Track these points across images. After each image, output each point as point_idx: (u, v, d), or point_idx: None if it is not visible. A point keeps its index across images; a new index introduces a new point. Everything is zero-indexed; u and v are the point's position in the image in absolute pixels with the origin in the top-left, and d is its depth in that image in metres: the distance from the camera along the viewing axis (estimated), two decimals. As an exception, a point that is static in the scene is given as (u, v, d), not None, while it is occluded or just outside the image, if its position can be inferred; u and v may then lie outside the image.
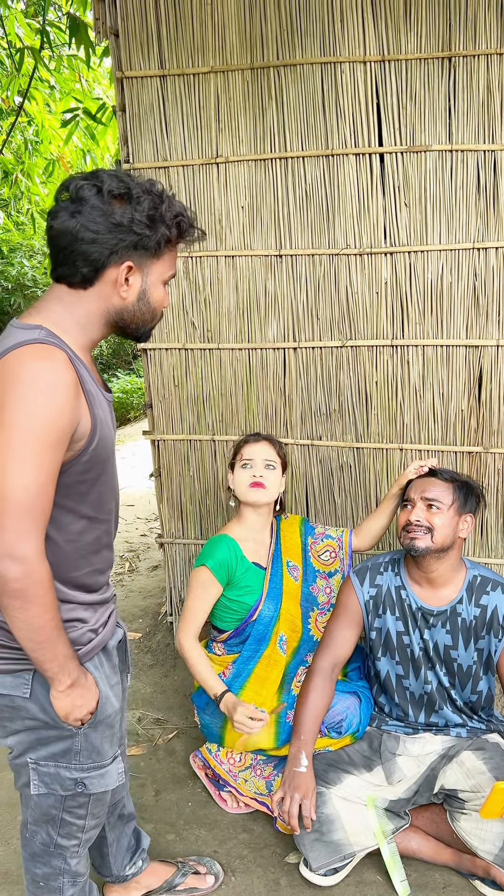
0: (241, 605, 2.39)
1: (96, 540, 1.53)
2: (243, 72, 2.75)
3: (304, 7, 2.66)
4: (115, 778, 1.60)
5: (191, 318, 2.99)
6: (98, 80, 6.32)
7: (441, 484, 2.17)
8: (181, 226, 1.46)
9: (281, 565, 2.48)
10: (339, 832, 2.07)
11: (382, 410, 2.89)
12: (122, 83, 2.86)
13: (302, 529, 2.59)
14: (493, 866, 1.99)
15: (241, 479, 2.41)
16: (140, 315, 1.48)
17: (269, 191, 2.82)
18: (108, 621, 1.61)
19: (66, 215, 1.37)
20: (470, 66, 2.58)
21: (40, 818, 1.59)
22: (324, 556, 2.57)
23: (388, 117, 2.68)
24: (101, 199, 1.37)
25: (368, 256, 2.77)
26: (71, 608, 1.49)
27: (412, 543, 2.13)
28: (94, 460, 1.43)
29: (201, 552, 2.43)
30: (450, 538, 2.15)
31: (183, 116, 2.84)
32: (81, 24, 4.28)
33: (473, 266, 2.70)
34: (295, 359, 2.93)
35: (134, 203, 1.38)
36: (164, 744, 2.77)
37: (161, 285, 1.49)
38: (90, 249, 1.37)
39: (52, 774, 1.54)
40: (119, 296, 1.43)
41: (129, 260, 1.41)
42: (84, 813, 1.60)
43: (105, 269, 1.40)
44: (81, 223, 1.36)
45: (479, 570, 2.25)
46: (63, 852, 1.63)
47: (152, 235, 1.41)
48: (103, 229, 1.37)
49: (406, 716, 2.30)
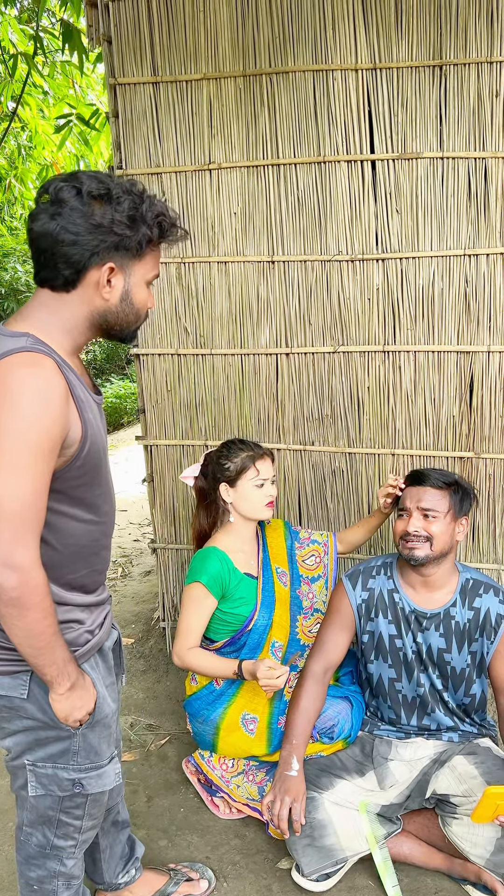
0: (236, 617, 2.37)
1: (94, 542, 1.54)
2: (236, 79, 2.76)
3: (296, 15, 2.68)
4: (113, 778, 1.61)
5: (184, 323, 2.99)
6: (91, 86, 6.34)
7: (435, 492, 2.17)
8: (162, 225, 1.45)
9: (271, 573, 2.48)
10: (331, 837, 2.08)
11: (374, 416, 2.90)
12: (115, 90, 2.87)
13: (286, 534, 2.59)
14: (484, 871, 1.99)
15: (254, 497, 2.35)
16: (124, 316, 1.47)
17: (262, 197, 2.83)
18: (104, 623, 1.61)
19: (46, 217, 1.37)
20: (460, 75, 2.60)
21: (37, 820, 1.60)
22: (308, 561, 2.57)
23: (379, 125, 2.69)
24: (80, 201, 1.36)
25: (360, 263, 2.79)
26: (68, 610, 1.50)
27: (412, 554, 2.14)
28: (87, 464, 1.44)
29: (192, 568, 2.38)
30: (448, 544, 2.16)
31: (176, 123, 2.85)
32: (75, 31, 4.29)
33: (464, 272, 2.72)
34: (287, 364, 2.93)
35: (114, 203, 1.37)
36: (157, 749, 2.76)
37: (144, 286, 1.48)
38: (71, 251, 1.37)
39: (49, 776, 1.54)
40: (102, 297, 1.42)
41: (110, 261, 1.40)
42: (81, 814, 1.61)
43: (87, 271, 1.39)
44: (61, 225, 1.35)
45: (471, 573, 2.26)
46: (59, 853, 1.63)
47: (133, 236, 1.40)
48: (83, 231, 1.36)
49: (398, 719, 2.31)
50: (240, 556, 2.41)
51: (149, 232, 1.42)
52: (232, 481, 2.37)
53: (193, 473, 2.49)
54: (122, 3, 2.78)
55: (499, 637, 2.18)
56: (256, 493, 2.35)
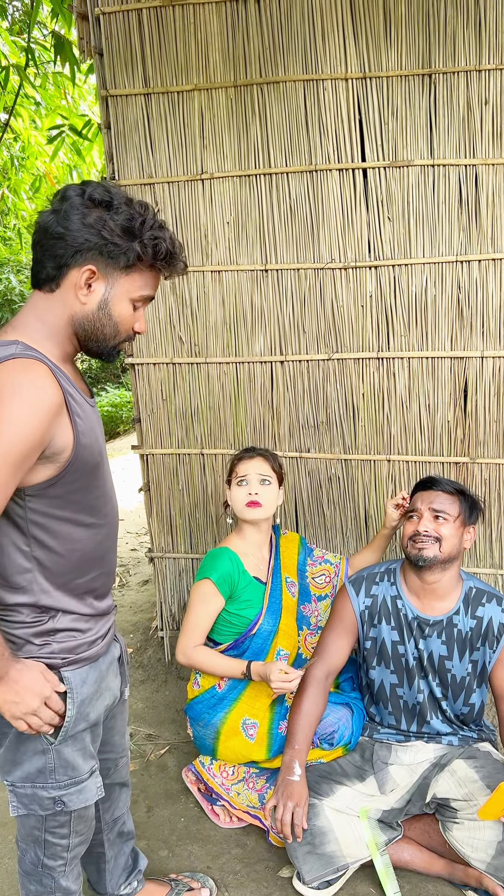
0: (241, 619, 2.39)
1: (99, 545, 1.54)
2: (227, 89, 2.78)
3: (286, 26, 2.70)
4: (95, 792, 1.60)
5: (178, 332, 3.00)
6: (83, 97, 6.36)
7: (447, 496, 2.20)
8: (158, 248, 1.44)
9: (280, 581, 2.49)
10: (331, 844, 2.07)
11: (369, 422, 2.91)
12: (106, 101, 2.88)
13: (300, 548, 2.61)
14: (485, 876, 1.99)
15: (237, 498, 2.41)
16: (101, 327, 1.45)
17: (255, 206, 2.85)
18: (106, 634, 1.61)
19: (49, 213, 1.42)
20: (450, 83, 2.63)
21: (26, 837, 1.60)
22: (318, 580, 2.59)
23: (370, 133, 2.71)
24: (80, 201, 1.40)
25: (353, 270, 2.80)
26: (74, 619, 1.51)
27: (420, 553, 2.15)
28: (82, 468, 1.44)
29: (202, 565, 2.42)
30: (456, 549, 2.17)
31: (168, 134, 2.86)
32: (66, 42, 4.31)
33: (457, 278, 2.74)
34: (282, 372, 2.94)
35: (112, 212, 1.40)
36: (156, 759, 2.76)
37: (128, 302, 1.47)
38: (56, 245, 1.39)
39: (29, 795, 1.53)
40: (80, 301, 1.42)
41: (91, 264, 1.40)
42: (67, 832, 1.59)
43: (68, 269, 1.40)
44: (56, 219, 1.40)
45: (475, 582, 2.26)
46: (51, 872, 1.63)
47: (121, 245, 1.40)
48: (73, 227, 1.38)
49: (398, 725, 2.31)
50: (250, 560, 2.44)
51: (139, 249, 1.42)
52: (229, 483, 2.46)
53: None
54: (112, 16, 2.80)
55: (501, 646, 2.18)
56: (239, 492, 2.41)
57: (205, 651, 2.34)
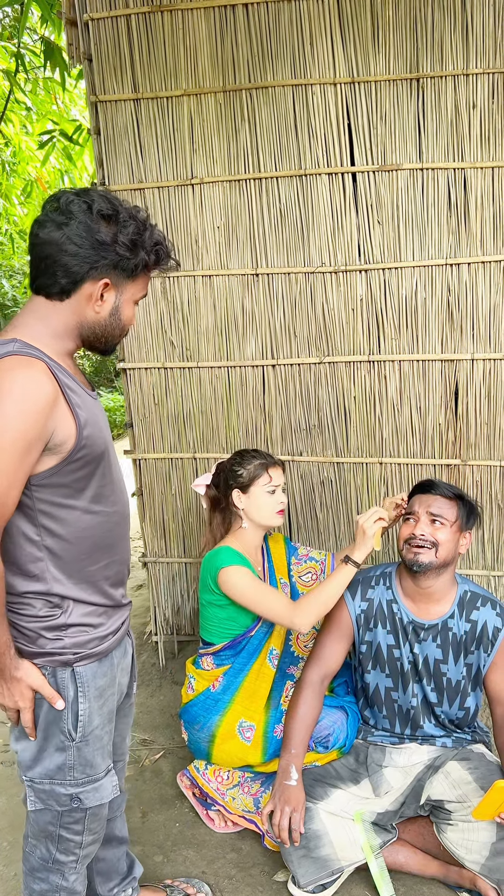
0: (238, 623, 2.38)
1: (108, 532, 1.58)
2: (216, 94, 2.79)
3: (275, 31, 2.71)
4: (110, 791, 1.64)
5: (169, 337, 3.01)
6: (74, 102, 6.36)
7: (445, 500, 2.18)
8: (159, 254, 1.53)
9: (275, 581, 2.51)
10: (326, 847, 2.07)
11: (361, 425, 2.92)
12: (96, 107, 2.89)
13: (286, 548, 2.61)
14: (479, 877, 1.99)
15: (266, 504, 2.38)
16: (111, 330, 1.54)
17: (245, 211, 2.86)
18: (118, 630, 1.64)
19: (53, 227, 1.43)
20: (438, 87, 2.64)
21: (39, 833, 1.63)
22: (305, 578, 2.59)
23: (359, 137, 2.72)
24: (89, 217, 1.43)
25: (343, 274, 2.81)
26: (85, 614, 1.54)
27: (416, 559, 2.14)
28: (87, 458, 1.49)
29: (216, 560, 2.31)
30: (451, 554, 2.17)
31: (157, 139, 2.87)
32: (56, 48, 4.32)
33: (447, 281, 2.75)
34: (274, 376, 2.95)
35: (120, 226, 1.45)
36: (151, 764, 2.75)
37: (132, 304, 1.56)
38: (72, 262, 1.43)
39: (47, 791, 1.57)
40: (93, 310, 1.49)
41: (106, 277, 1.47)
42: (81, 829, 1.63)
43: (83, 283, 1.46)
44: (67, 235, 1.42)
45: (469, 586, 2.27)
46: (61, 868, 1.66)
47: (132, 258, 1.48)
48: (87, 245, 1.43)
49: (392, 728, 2.31)
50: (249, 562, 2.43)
51: (146, 258, 1.50)
52: (245, 488, 2.40)
53: (205, 482, 2.52)
54: (101, 22, 2.81)
55: (496, 649, 2.18)
56: (268, 499, 2.39)
57: (306, 596, 2.22)
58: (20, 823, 2.44)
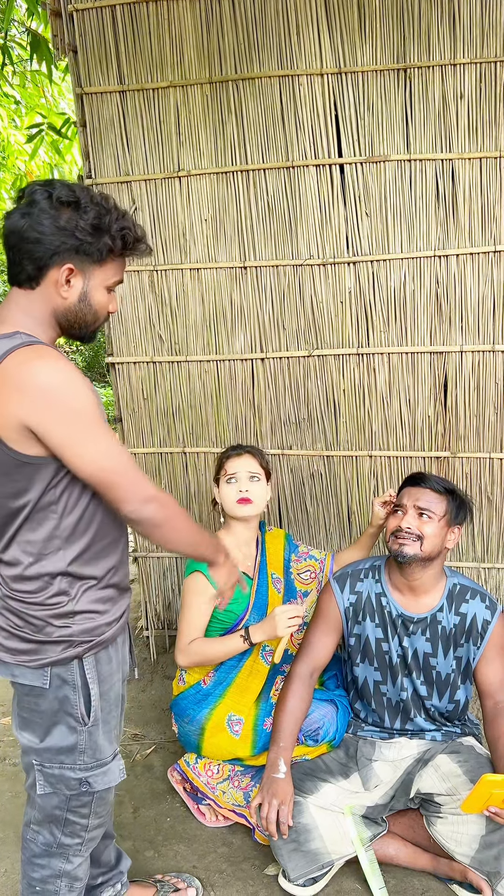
0: (228, 615, 2.39)
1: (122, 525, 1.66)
2: (202, 86, 2.77)
3: (261, 21, 2.69)
4: (118, 774, 1.69)
5: (158, 331, 2.99)
6: (62, 95, 6.31)
7: (434, 494, 2.18)
8: (126, 238, 1.55)
9: (266, 577, 2.49)
10: (316, 841, 2.07)
11: (351, 418, 2.91)
12: (81, 99, 2.86)
13: (286, 545, 2.61)
14: (469, 869, 2.00)
15: (227, 495, 2.40)
16: (82, 315, 1.56)
17: (232, 203, 2.84)
18: (122, 616, 1.68)
19: (18, 216, 1.48)
20: (425, 78, 2.62)
21: (45, 819, 1.67)
22: (303, 575, 2.59)
23: (346, 128, 2.71)
24: (49, 204, 1.47)
25: (332, 266, 2.80)
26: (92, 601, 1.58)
27: (401, 549, 2.14)
28: None
29: (191, 560, 2.40)
30: (437, 548, 2.16)
31: (144, 131, 2.85)
32: (42, 40, 4.28)
33: (435, 273, 2.74)
34: (263, 369, 2.94)
35: (80, 212, 1.48)
36: (142, 759, 2.75)
37: (103, 290, 1.58)
38: (34, 249, 1.47)
39: (56, 775, 1.62)
40: (61, 296, 1.52)
41: (69, 262, 1.49)
42: (88, 812, 1.68)
43: (48, 269, 1.49)
44: (29, 223, 1.46)
45: (459, 579, 2.26)
46: (66, 851, 1.69)
47: (94, 243, 1.50)
48: (48, 231, 1.46)
49: (382, 722, 2.31)
50: (238, 556, 2.44)
51: (110, 242, 1.52)
52: (217, 481, 2.46)
53: None
54: (86, 12, 2.78)
55: (485, 642, 2.18)
56: (228, 490, 2.41)
57: (199, 641, 2.33)
58: (9, 820, 2.43)
